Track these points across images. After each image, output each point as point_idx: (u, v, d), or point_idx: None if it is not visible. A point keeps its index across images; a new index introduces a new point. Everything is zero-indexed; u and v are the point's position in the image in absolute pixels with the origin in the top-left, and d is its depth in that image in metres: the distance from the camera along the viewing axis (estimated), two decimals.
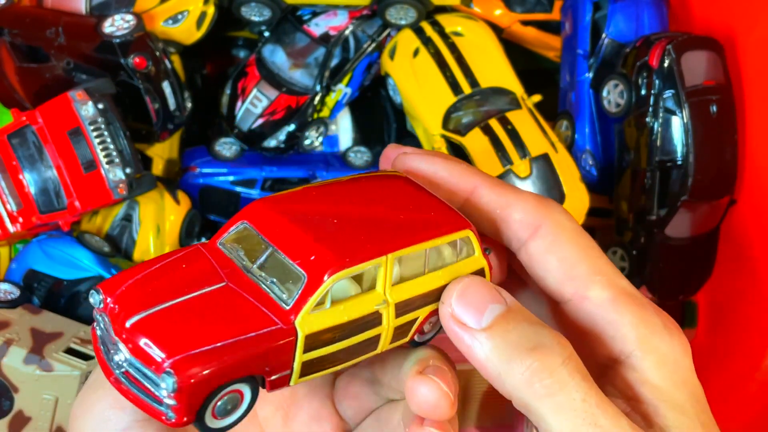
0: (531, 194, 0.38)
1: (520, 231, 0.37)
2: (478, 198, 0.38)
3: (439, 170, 0.38)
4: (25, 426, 0.68)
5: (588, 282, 0.36)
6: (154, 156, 0.90)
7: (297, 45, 0.91)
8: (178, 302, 0.32)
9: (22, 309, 0.73)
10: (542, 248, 0.37)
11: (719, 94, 0.78)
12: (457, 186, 0.38)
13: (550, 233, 0.37)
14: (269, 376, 0.31)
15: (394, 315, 0.34)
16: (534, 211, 0.37)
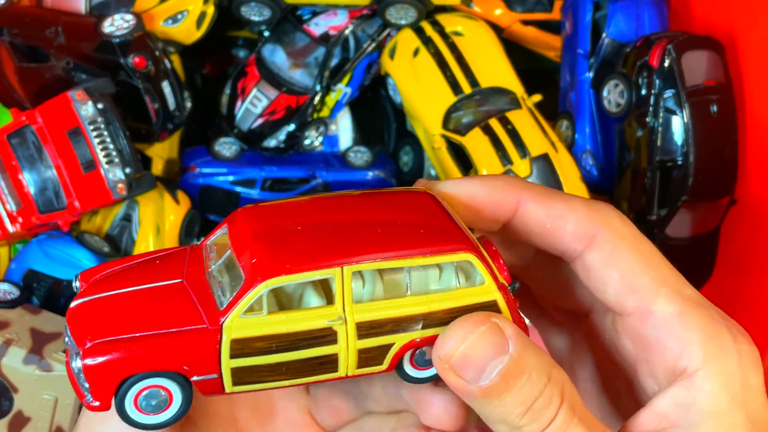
0: (581, 201, 0.36)
1: (574, 243, 0.35)
2: (525, 213, 0.35)
3: (478, 191, 0.35)
4: (25, 426, 0.68)
5: (652, 294, 0.34)
6: (153, 156, 0.90)
7: (297, 45, 0.91)
8: (123, 292, 0.32)
9: (21, 309, 0.73)
10: (600, 260, 0.34)
11: (720, 93, 0.78)
12: (499, 203, 0.35)
13: (607, 243, 0.34)
14: (191, 376, 0.31)
15: (356, 335, 0.32)
16: (587, 220, 0.35)
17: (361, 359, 0.32)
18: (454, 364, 0.31)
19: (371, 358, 0.32)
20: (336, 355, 0.32)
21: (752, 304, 0.80)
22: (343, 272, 0.31)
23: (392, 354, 0.32)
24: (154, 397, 0.31)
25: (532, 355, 0.31)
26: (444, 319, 0.32)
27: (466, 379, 0.31)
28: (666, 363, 0.34)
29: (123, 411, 0.31)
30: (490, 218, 0.36)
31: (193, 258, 0.34)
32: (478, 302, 0.32)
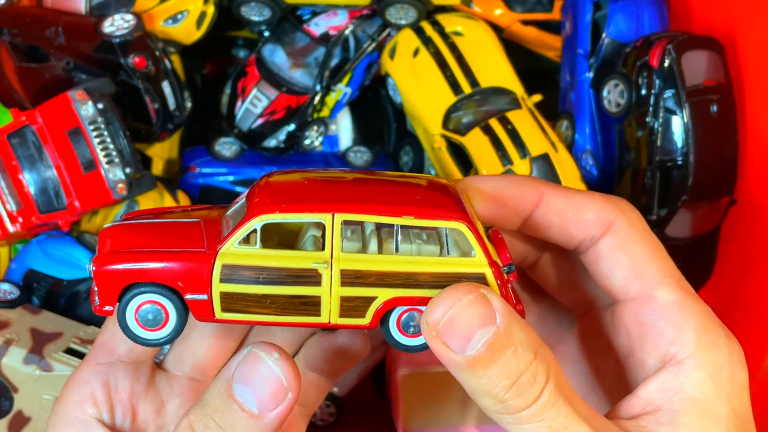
0: (600, 194, 0.38)
1: (594, 229, 0.37)
2: (548, 204, 0.38)
3: (504, 183, 0.38)
4: (25, 426, 0.68)
5: (657, 282, 0.36)
6: (153, 156, 0.90)
7: (297, 45, 0.91)
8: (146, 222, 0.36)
9: (21, 309, 0.73)
10: (614, 245, 0.37)
11: (720, 93, 0.78)
12: (524, 196, 0.38)
13: (622, 230, 0.37)
14: (184, 294, 0.34)
15: (339, 281, 0.33)
16: (606, 208, 0.37)
17: (343, 307, 0.34)
18: (440, 330, 0.32)
19: (353, 308, 0.34)
20: (319, 298, 0.33)
21: (752, 304, 0.80)
22: (333, 218, 0.33)
23: (374, 308, 0.34)
24: (152, 312, 0.35)
25: (519, 330, 0.32)
26: (429, 282, 0.33)
27: (453, 348, 0.32)
28: (658, 348, 0.35)
29: (124, 322, 0.35)
30: (514, 211, 0.37)
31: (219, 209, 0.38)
32: (465, 272, 0.33)
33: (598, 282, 0.37)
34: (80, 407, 0.36)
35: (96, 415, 0.36)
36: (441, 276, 0.33)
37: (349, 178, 0.36)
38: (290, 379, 0.32)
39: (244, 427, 0.32)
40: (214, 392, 0.33)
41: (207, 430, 0.32)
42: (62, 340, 0.70)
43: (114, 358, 0.38)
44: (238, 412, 0.32)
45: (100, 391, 0.37)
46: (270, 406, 0.32)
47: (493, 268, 0.34)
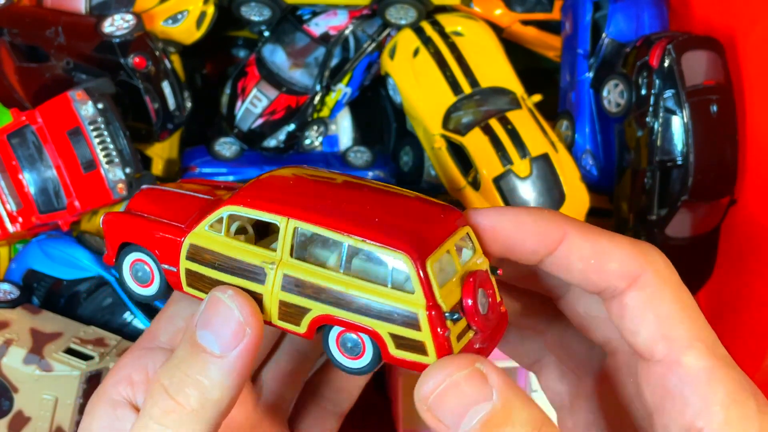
0: (627, 240, 0.35)
1: (617, 281, 0.34)
2: (569, 246, 0.34)
3: (525, 219, 0.35)
4: (25, 426, 0.68)
5: (685, 346, 0.33)
6: (153, 156, 0.90)
7: (297, 45, 0.91)
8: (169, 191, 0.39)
9: (21, 309, 0.73)
10: (640, 301, 0.33)
11: (719, 93, 0.78)
12: (545, 234, 0.34)
13: (649, 285, 0.34)
14: (161, 262, 0.36)
15: (280, 285, 0.33)
16: (632, 259, 0.34)
17: (281, 311, 0.34)
18: (431, 405, 0.30)
19: (290, 314, 0.34)
20: (261, 296, 0.34)
21: (752, 304, 0.80)
22: (287, 224, 0.33)
23: (308, 319, 0.33)
24: (141, 270, 0.37)
25: (519, 407, 0.30)
26: (359, 308, 0.32)
27: (446, 424, 0.30)
28: (683, 418, 0.33)
29: (121, 274, 0.38)
30: (533, 249, 0.35)
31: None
32: (397, 308, 0.31)
33: (623, 336, 0.35)
34: (115, 388, 0.37)
35: (129, 396, 0.36)
36: (371, 305, 0.32)
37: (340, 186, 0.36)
38: (247, 314, 0.32)
39: (209, 369, 0.32)
40: (181, 345, 0.34)
41: (174, 379, 0.33)
42: (62, 340, 0.70)
43: (155, 344, 0.38)
44: (202, 356, 0.32)
45: (137, 374, 0.37)
46: (231, 345, 0.32)
47: (430, 311, 0.31)
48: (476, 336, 0.33)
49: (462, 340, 0.32)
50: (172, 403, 0.32)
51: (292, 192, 0.35)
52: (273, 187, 0.35)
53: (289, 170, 0.37)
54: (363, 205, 0.34)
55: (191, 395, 0.32)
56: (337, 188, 0.35)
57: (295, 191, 0.35)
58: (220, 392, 0.32)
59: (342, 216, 0.33)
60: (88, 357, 0.69)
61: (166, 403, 0.32)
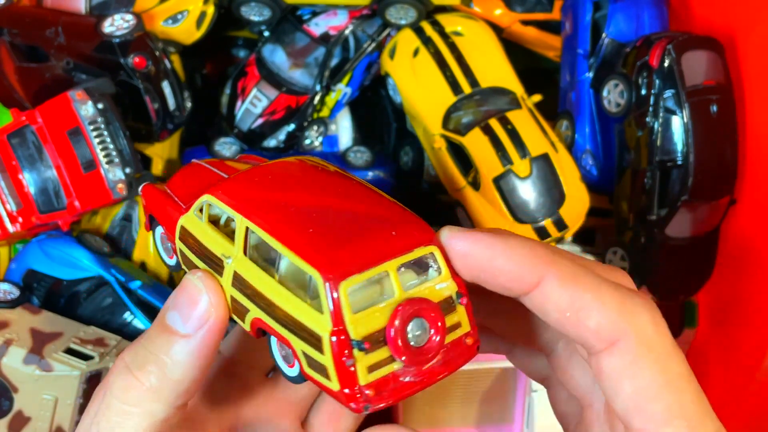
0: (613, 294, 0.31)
1: (593, 341, 0.30)
2: (544, 294, 0.31)
3: (498, 255, 0.31)
4: (25, 426, 0.68)
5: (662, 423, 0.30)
6: (153, 156, 0.90)
7: (297, 45, 0.91)
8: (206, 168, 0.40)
9: (21, 309, 0.73)
10: (617, 368, 0.30)
11: (719, 94, 0.78)
12: (519, 276, 0.31)
13: (629, 352, 0.30)
14: (168, 240, 0.38)
15: (230, 281, 0.33)
16: (613, 320, 0.30)
17: (233, 306, 0.34)
18: None
19: (237, 311, 0.34)
20: (222, 289, 0.34)
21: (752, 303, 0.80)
22: (241, 222, 0.33)
23: (249, 319, 0.33)
24: (165, 241, 0.39)
25: None
26: (281, 319, 0.31)
27: None
28: None
29: (154, 244, 0.40)
30: (505, 287, 0.32)
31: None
32: (307, 325, 0.30)
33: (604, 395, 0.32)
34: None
35: None
36: (288, 318, 0.31)
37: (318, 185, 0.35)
38: (214, 297, 0.32)
39: (171, 349, 0.32)
40: (151, 326, 0.34)
41: (136, 357, 0.32)
42: (62, 340, 0.70)
43: None
44: (167, 335, 0.32)
45: None
46: (196, 326, 0.32)
47: (335, 336, 0.29)
48: (405, 368, 0.30)
49: (379, 371, 0.30)
50: (132, 379, 0.32)
51: (265, 188, 0.34)
52: (251, 182, 0.35)
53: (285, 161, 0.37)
54: (319, 210, 0.32)
55: (151, 372, 0.32)
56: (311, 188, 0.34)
57: (268, 188, 0.34)
58: (181, 372, 0.32)
59: (285, 221, 0.32)
60: (88, 357, 0.69)
61: (126, 379, 0.32)
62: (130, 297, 0.76)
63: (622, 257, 0.86)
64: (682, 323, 0.89)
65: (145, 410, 0.32)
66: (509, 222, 0.81)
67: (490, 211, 0.82)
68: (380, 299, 0.31)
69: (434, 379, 0.31)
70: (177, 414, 0.33)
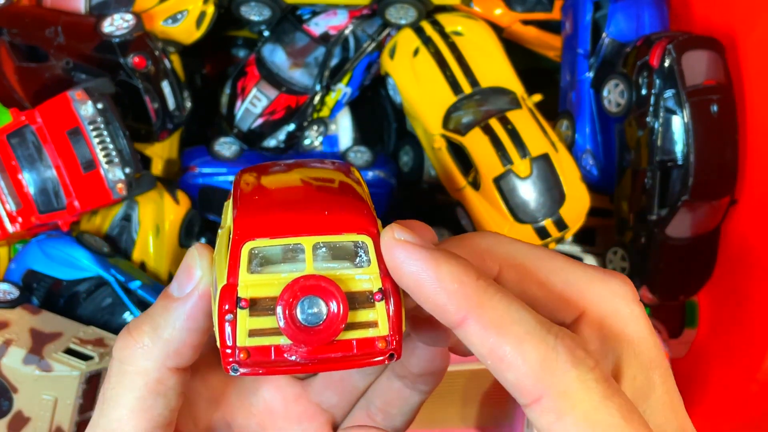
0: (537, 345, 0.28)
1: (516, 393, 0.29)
2: (467, 337, 0.29)
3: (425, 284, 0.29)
4: (25, 426, 0.68)
5: None
6: (153, 156, 0.90)
7: (297, 44, 0.90)
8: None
9: (21, 309, 0.73)
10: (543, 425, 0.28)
11: (720, 93, 0.78)
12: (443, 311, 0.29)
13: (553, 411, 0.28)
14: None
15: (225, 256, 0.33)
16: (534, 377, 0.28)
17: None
18: None
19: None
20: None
21: (752, 304, 0.80)
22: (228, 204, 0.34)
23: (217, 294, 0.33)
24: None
25: None
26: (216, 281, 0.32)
27: None
28: None
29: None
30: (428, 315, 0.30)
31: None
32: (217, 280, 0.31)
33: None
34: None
35: None
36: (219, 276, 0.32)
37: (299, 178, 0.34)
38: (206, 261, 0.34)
39: (165, 310, 0.34)
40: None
41: (137, 321, 0.34)
42: (62, 341, 0.70)
43: None
44: (165, 301, 0.34)
45: None
46: (188, 289, 0.34)
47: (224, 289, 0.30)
48: (293, 347, 0.29)
49: (261, 339, 0.29)
50: (129, 338, 0.34)
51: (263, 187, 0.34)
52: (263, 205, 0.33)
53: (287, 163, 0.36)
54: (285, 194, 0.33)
55: (145, 332, 0.34)
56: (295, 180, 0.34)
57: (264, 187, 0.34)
58: (170, 331, 0.33)
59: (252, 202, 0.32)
60: (87, 357, 0.68)
61: (124, 339, 0.34)
62: (129, 297, 0.76)
63: (622, 257, 0.86)
64: (682, 323, 0.89)
65: (138, 368, 0.34)
66: (509, 222, 0.81)
67: (490, 211, 0.82)
68: (287, 270, 0.30)
69: (322, 368, 0.30)
70: (171, 377, 0.34)
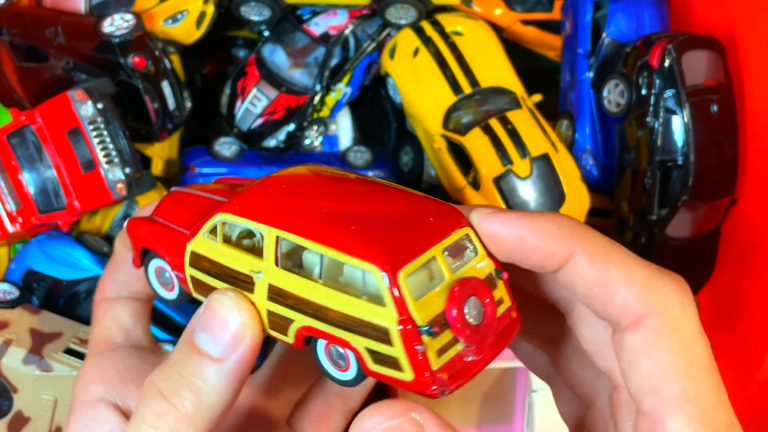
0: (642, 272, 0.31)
1: (619, 317, 0.30)
2: (573, 270, 0.31)
3: (528, 234, 0.31)
4: (25, 426, 0.68)
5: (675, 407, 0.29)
6: (153, 156, 0.90)
7: (297, 44, 0.90)
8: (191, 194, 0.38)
9: (21, 309, 0.73)
10: (638, 346, 0.30)
11: (720, 93, 0.78)
12: (549, 254, 0.31)
13: (653, 330, 0.30)
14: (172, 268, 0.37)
15: (266, 295, 0.32)
16: (640, 297, 0.30)
17: (271, 321, 0.33)
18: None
19: (278, 324, 0.33)
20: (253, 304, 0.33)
21: (752, 304, 0.80)
22: (269, 233, 0.32)
23: (294, 330, 0.32)
24: (162, 275, 0.37)
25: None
26: (336, 321, 0.31)
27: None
28: None
29: (148, 278, 0.38)
30: (536, 264, 0.32)
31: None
32: (369, 321, 0.30)
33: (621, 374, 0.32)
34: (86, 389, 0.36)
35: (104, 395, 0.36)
36: (346, 318, 0.31)
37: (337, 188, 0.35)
38: (248, 318, 0.32)
39: (206, 373, 0.31)
40: (177, 347, 0.33)
41: (169, 381, 0.32)
42: (62, 341, 0.70)
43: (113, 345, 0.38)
44: (198, 359, 0.32)
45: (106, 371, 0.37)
46: (230, 349, 0.31)
47: (401, 326, 0.29)
48: (467, 348, 0.31)
49: (447, 354, 0.30)
50: (167, 405, 0.31)
51: (282, 197, 0.34)
52: (265, 193, 0.34)
53: (292, 171, 0.36)
54: (351, 210, 0.32)
55: (186, 398, 0.31)
56: (331, 191, 0.34)
57: (285, 196, 0.34)
58: (216, 396, 0.31)
59: (320, 224, 0.32)
60: None
61: (160, 405, 0.31)
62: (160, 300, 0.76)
63: None
64: None
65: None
66: None
67: None
68: (433, 284, 0.31)
69: (493, 356, 0.32)
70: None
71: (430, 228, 0.32)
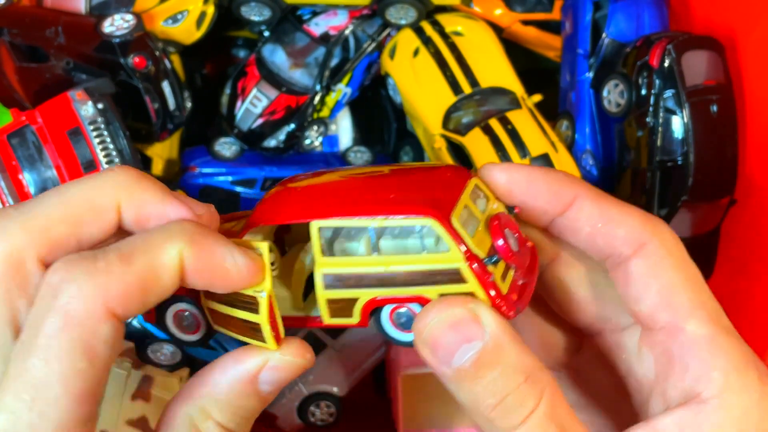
0: (637, 210, 0.36)
1: (623, 247, 0.35)
2: (579, 209, 0.35)
3: (537, 179, 0.36)
4: None
5: (687, 313, 0.33)
6: (153, 156, 0.90)
7: (297, 45, 0.91)
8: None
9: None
10: (644, 269, 0.34)
11: (720, 93, 0.78)
12: (557, 195, 0.35)
13: (655, 254, 0.34)
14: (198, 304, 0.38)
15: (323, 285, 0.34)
16: (640, 227, 0.35)
17: (331, 309, 0.34)
18: (424, 341, 0.31)
19: (341, 309, 0.34)
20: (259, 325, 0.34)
21: (752, 304, 0.80)
22: (312, 226, 0.34)
23: (359, 308, 0.34)
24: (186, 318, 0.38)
25: (510, 350, 0.31)
26: (404, 282, 0.33)
27: (439, 359, 0.31)
28: (683, 383, 0.33)
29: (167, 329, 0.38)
30: (544, 208, 0.36)
31: None
32: (438, 269, 0.32)
33: (625, 305, 0.35)
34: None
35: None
36: (414, 274, 0.33)
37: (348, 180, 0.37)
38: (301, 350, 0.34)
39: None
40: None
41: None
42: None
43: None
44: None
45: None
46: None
47: (470, 261, 0.32)
48: (517, 273, 0.34)
49: (507, 280, 0.34)
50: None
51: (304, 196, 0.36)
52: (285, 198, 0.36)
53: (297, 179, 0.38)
54: (375, 189, 0.35)
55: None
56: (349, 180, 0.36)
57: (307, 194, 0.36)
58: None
59: (359, 203, 0.34)
60: None
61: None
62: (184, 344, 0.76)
63: None
64: None
65: None
66: None
67: None
68: (473, 224, 0.34)
69: (535, 276, 0.36)
70: None
71: (451, 182, 0.35)
